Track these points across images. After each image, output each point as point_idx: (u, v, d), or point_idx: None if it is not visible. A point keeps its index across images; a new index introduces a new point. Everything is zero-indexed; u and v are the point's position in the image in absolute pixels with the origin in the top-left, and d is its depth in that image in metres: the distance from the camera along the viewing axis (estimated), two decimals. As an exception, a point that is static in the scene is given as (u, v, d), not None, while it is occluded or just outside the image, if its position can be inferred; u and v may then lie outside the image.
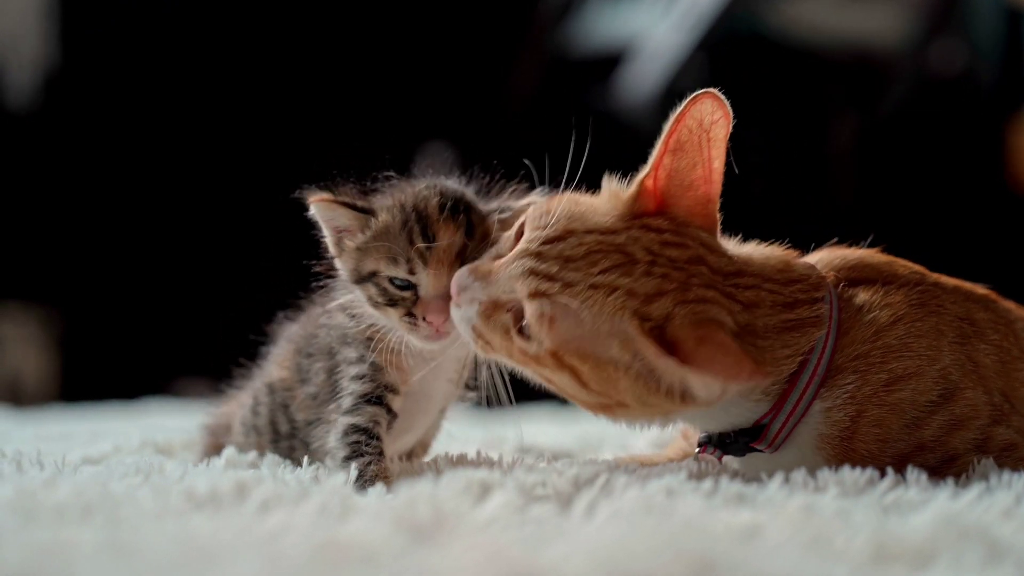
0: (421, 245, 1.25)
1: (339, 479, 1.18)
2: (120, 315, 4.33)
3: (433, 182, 1.33)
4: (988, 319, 1.38)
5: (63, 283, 4.33)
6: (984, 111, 4.22)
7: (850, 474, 1.19)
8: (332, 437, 1.28)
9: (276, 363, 1.43)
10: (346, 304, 1.34)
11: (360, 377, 1.29)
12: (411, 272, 1.25)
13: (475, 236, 1.29)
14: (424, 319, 1.26)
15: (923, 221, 4.02)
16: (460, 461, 1.38)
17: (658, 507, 1.07)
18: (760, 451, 1.29)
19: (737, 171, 1.26)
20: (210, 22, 4.39)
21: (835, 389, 1.26)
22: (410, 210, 1.27)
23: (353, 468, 1.22)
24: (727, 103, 1.22)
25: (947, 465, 1.28)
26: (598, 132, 1.40)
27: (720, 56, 3.67)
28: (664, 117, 1.30)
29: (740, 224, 1.48)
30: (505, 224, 1.31)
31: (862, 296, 1.33)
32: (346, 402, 1.29)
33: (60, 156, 4.30)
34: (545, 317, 1.18)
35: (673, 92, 1.39)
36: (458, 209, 1.29)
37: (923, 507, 1.07)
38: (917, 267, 1.41)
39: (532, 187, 1.36)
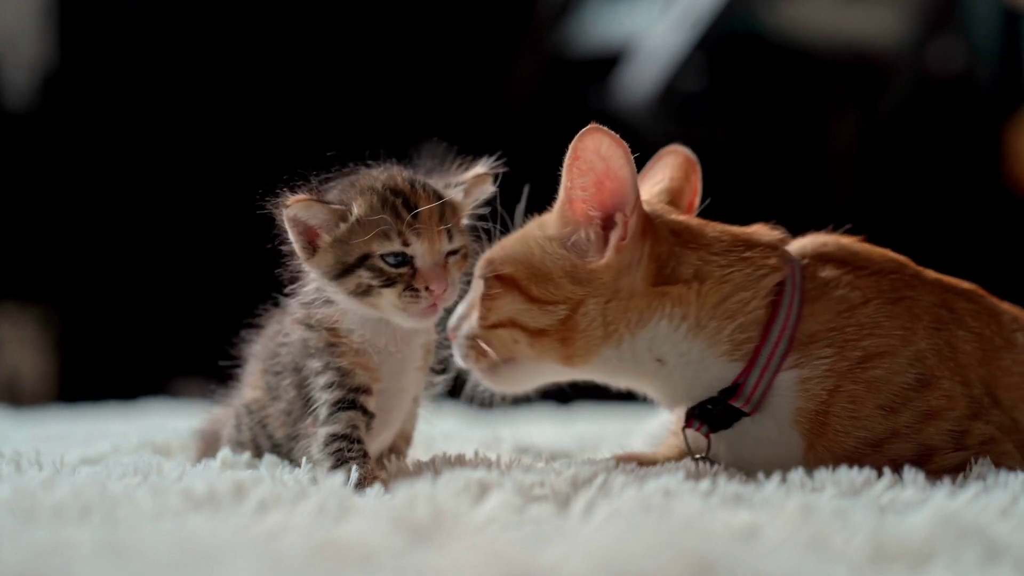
0: (411, 215, 1.26)
1: (337, 480, 1.18)
2: (118, 315, 4.33)
3: (381, 169, 1.34)
4: (969, 308, 1.39)
5: (61, 283, 4.32)
6: (982, 111, 4.22)
7: (847, 474, 1.20)
8: (314, 449, 1.27)
9: (249, 384, 1.43)
10: (302, 317, 1.33)
11: (329, 385, 1.28)
12: (405, 244, 1.25)
13: (446, 204, 1.31)
14: (427, 288, 1.26)
15: (922, 221, 4.02)
16: (458, 461, 1.38)
17: (656, 507, 1.08)
18: (743, 413, 1.32)
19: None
20: (208, 22, 4.39)
21: (812, 359, 1.30)
22: (384, 190, 1.28)
23: (342, 476, 1.21)
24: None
25: (924, 460, 1.29)
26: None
27: (718, 56, 3.68)
28: (664, 117, 1.34)
29: (741, 224, 1.48)
30: (467, 193, 1.36)
31: (829, 271, 1.37)
32: (322, 412, 1.28)
33: (58, 156, 4.29)
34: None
35: (671, 92, 1.40)
36: (421, 181, 1.32)
37: (921, 507, 1.08)
38: (899, 257, 1.42)
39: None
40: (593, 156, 1.32)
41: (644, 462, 1.36)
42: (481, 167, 1.37)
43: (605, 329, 1.34)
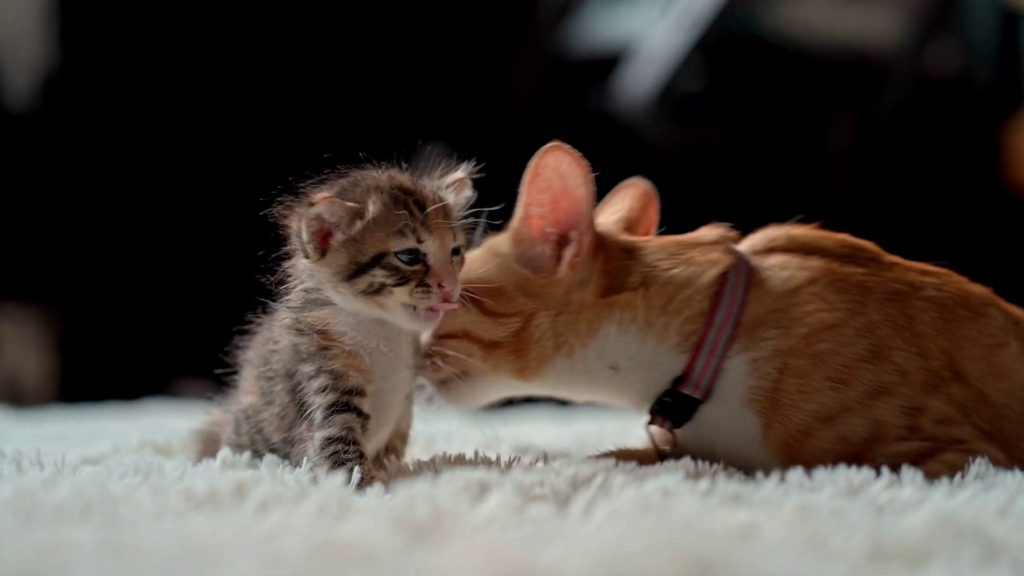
0: (422, 212, 1.28)
1: (338, 479, 1.18)
2: (119, 315, 4.33)
3: (377, 170, 1.35)
4: (932, 282, 1.40)
5: (62, 283, 4.32)
6: (981, 112, 4.22)
7: (845, 473, 1.20)
8: (312, 453, 1.28)
9: (244, 389, 1.43)
10: (291, 322, 1.34)
11: (323, 389, 1.29)
12: (419, 240, 1.27)
13: (447, 203, 1.33)
14: (440, 285, 1.27)
15: (920, 222, 4.02)
16: (458, 461, 1.38)
17: (655, 507, 1.08)
18: (697, 402, 1.35)
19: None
20: (208, 23, 4.39)
21: (759, 341, 1.33)
22: (393, 188, 1.29)
23: (345, 476, 1.22)
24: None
25: (878, 441, 1.30)
26: (596, 132, 1.41)
27: (717, 57, 3.68)
28: (663, 118, 1.36)
29: (739, 225, 1.49)
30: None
31: (775, 259, 1.40)
32: (317, 416, 1.28)
33: (59, 157, 4.30)
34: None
35: (671, 93, 1.42)
36: (423, 181, 1.34)
37: (919, 506, 1.08)
38: (858, 241, 1.44)
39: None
40: (552, 174, 1.36)
41: (627, 456, 1.38)
42: (460, 172, 1.39)
43: (556, 340, 1.37)
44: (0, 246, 4.23)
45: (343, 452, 1.25)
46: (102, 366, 4.26)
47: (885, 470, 1.21)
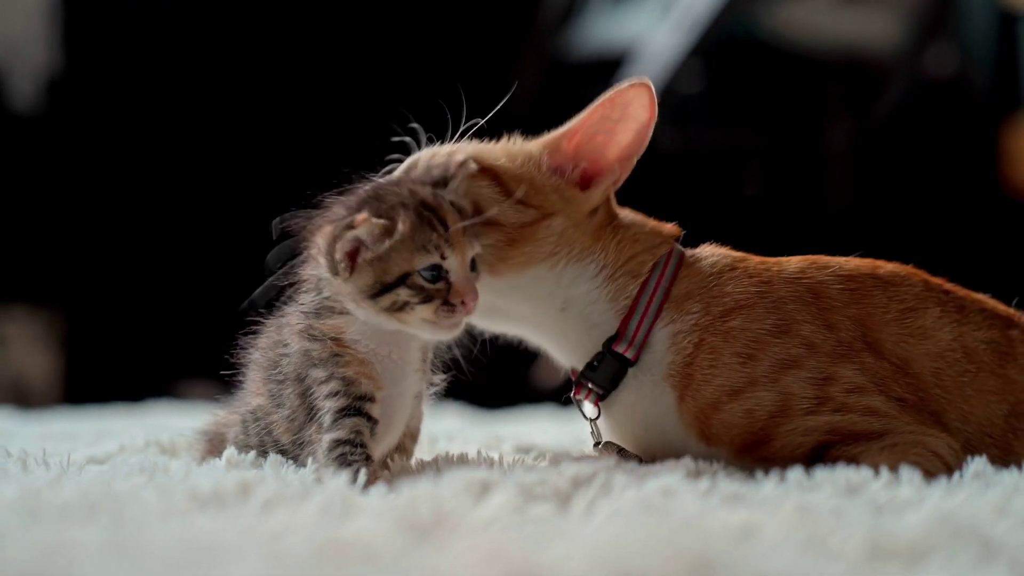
0: (445, 231, 1.29)
1: (341, 479, 1.19)
2: (124, 317, 4.34)
3: (399, 180, 1.37)
4: (840, 261, 1.45)
5: (68, 285, 4.33)
6: (978, 114, 4.22)
7: (844, 473, 1.20)
8: (319, 455, 1.28)
9: (252, 391, 1.44)
10: (303, 328, 1.34)
11: (334, 394, 1.29)
12: (443, 257, 1.28)
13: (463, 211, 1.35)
14: (462, 303, 1.29)
15: (919, 224, 4.02)
16: (460, 461, 1.39)
17: (656, 506, 1.08)
18: (625, 368, 1.41)
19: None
20: (211, 25, 4.40)
21: (684, 315, 1.40)
22: (418, 205, 1.30)
23: (350, 476, 1.22)
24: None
25: (785, 412, 1.33)
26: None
27: (717, 59, 3.68)
28: (662, 119, 1.39)
29: (739, 225, 1.50)
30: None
31: (704, 249, 1.48)
32: (326, 420, 1.29)
33: (64, 159, 4.30)
34: None
35: (670, 95, 1.44)
36: (438, 191, 1.35)
37: (917, 506, 1.09)
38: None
39: None
40: (628, 106, 1.43)
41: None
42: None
43: (553, 247, 1.43)
44: (6, 248, 4.23)
45: (350, 454, 1.26)
46: (107, 367, 4.26)
47: (884, 470, 1.21)
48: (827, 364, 1.35)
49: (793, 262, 1.44)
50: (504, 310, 1.47)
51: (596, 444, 1.49)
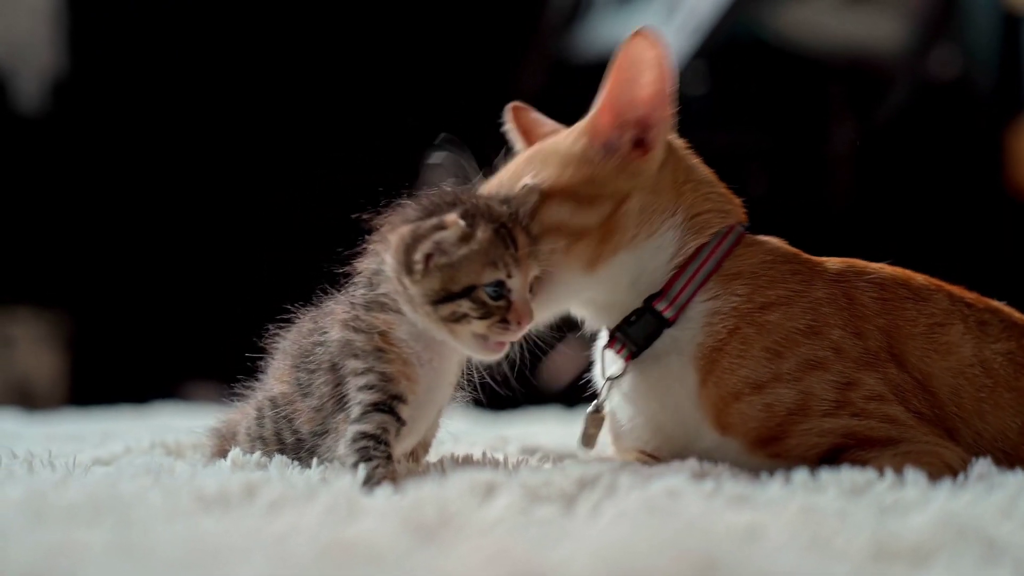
0: (516, 251, 1.30)
1: (346, 480, 1.19)
2: (130, 319, 4.34)
3: (463, 190, 1.37)
4: (876, 267, 1.46)
5: (73, 286, 4.34)
6: (982, 116, 4.21)
7: (850, 474, 1.20)
8: (341, 445, 1.28)
9: (275, 377, 1.43)
10: (349, 319, 1.34)
11: (369, 387, 1.29)
12: (508, 275, 1.29)
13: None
14: (517, 322, 1.29)
15: (922, 226, 4.02)
16: (466, 462, 1.39)
17: (661, 508, 1.09)
18: (662, 328, 1.41)
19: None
20: (217, 27, 4.41)
21: (727, 294, 1.40)
22: (494, 219, 1.30)
23: (361, 469, 1.22)
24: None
25: (804, 414, 1.33)
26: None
27: (721, 61, 3.68)
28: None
29: (743, 226, 1.50)
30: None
31: (767, 237, 1.49)
32: (355, 411, 1.29)
33: (69, 160, 4.31)
34: None
35: (675, 96, 1.44)
36: (511, 208, 1.35)
37: (922, 507, 1.08)
38: None
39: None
40: (638, 57, 1.42)
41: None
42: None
43: (636, 226, 1.43)
44: (12, 250, 4.24)
45: (372, 448, 1.26)
46: (113, 369, 4.27)
47: (888, 471, 1.21)
48: (852, 370, 1.35)
49: (833, 264, 1.45)
50: (596, 299, 1.48)
51: (595, 409, 1.49)
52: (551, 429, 2.33)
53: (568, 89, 1.63)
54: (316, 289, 1.42)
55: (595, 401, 1.49)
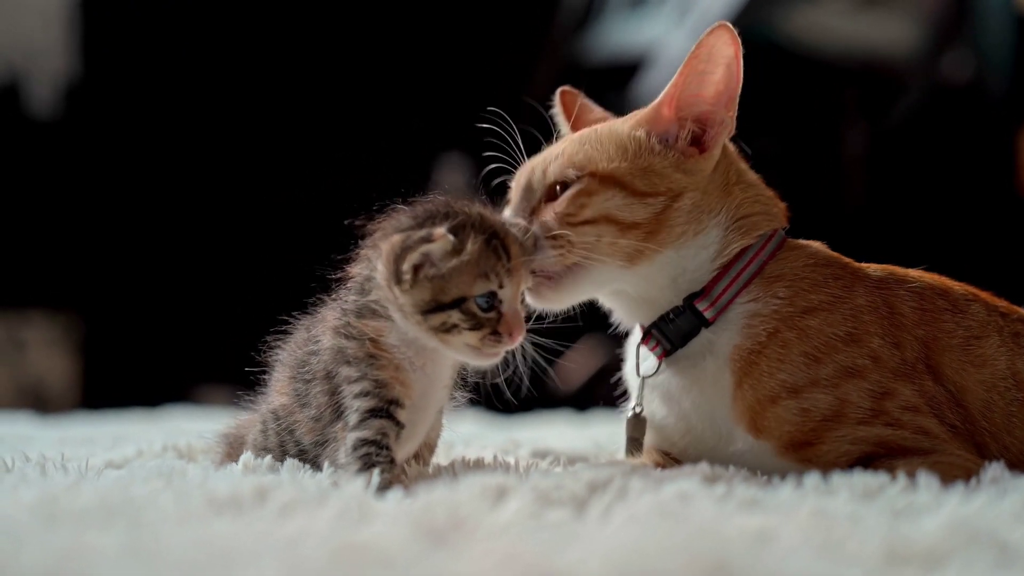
0: (508, 262, 1.29)
1: (358, 484, 1.19)
2: (142, 322, 4.35)
3: (461, 201, 1.35)
4: (916, 275, 1.45)
5: (86, 290, 4.35)
6: (994, 119, 4.20)
7: (862, 478, 1.20)
8: (342, 453, 1.28)
9: (276, 390, 1.44)
10: (340, 325, 1.34)
11: (365, 394, 1.30)
12: (500, 286, 1.28)
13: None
14: (508, 335, 1.29)
15: (934, 228, 4.01)
16: (477, 465, 1.39)
17: (672, 511, 1.08)
18: (700, 326, 1.40)
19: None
20: (228, 33, 4.42)
21: (768, 296, 1.39)
22: (487, 230, 1.30)
23: (375, 476, 1.22)
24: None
25: (839, 421, 1.33)
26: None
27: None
28: None
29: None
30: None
31: (808, 241, 1.48)
32: (352, 419, 1.29)
33: (82, 165, 4.33)
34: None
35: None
36: (504, 219, 1.35)
37: (934, 511, 1.08)
38: None
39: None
40: (716, 51, 1.42)
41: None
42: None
43: (685, 227, 1.42)
44: (25, 253, 4.26)
45: (375, 455, 1.26)
46: (125, 372, 4.28)
47: (901, 475, 1.21)
48: (889, 380, 1.34)
49: (874, 270, 1.44)
50: (625, 291, 1.47)
51: (636, 412, 1.48)
52: (562, 432, 2.33)
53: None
54: (313, 296, 1.42)
55: (632, 404, 1.49)
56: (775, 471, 1.33)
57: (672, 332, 1.42)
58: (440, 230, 1.27)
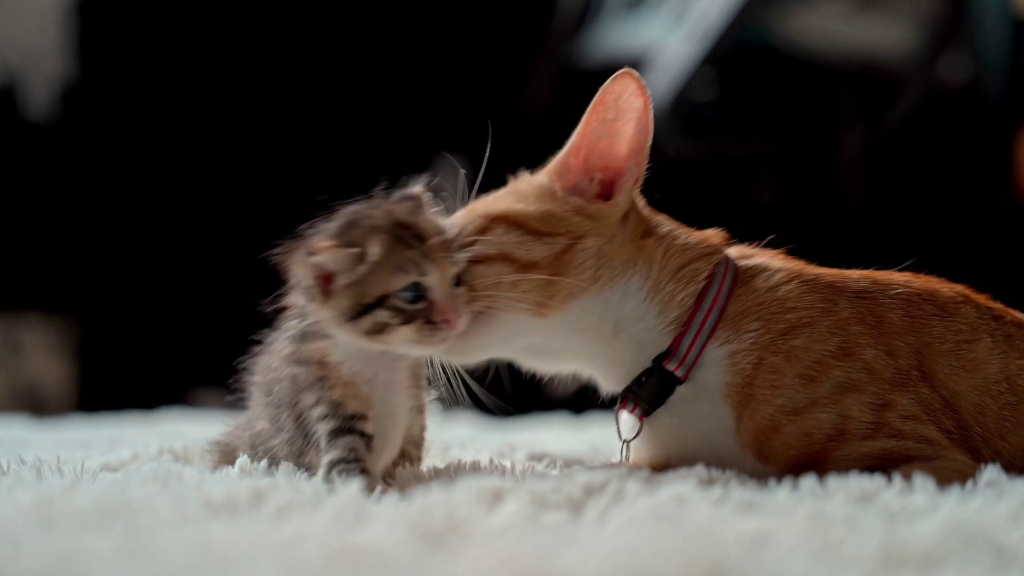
0: (422, 245, 1.28)
1: (354, 487, 1.19)
2: (138, 325, 4.35)
3: (370, 204, 1.35)
4: (900, 280, 1.43)
5: (82, 292, 4.35)
6: (991, 122, 4.21)
7: (858, 481, 1.20)
8: (320, 477, 1.29)
9: (256, 415, 1.44)
10: (289, 353, 1.35)
11: (324, 417, 1.30)
12: (422, 273, 1.27)
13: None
14: (445, 321, 1.28)
15: (931, 231, 4.02)
16: (473, 468, 1.39)
17: (669, 514, 1.08)
18: (675, 384, 1.38)
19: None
20: (226, 36, 4.42)
21: (741, 333, 1.36)
22: (392, 225, 1.29)
23: (358, 482, 1.22)
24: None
25: (842, 436, 1.31)
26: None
27: (730, 67, 3.67)
28: (676, 127, 1.38)
29: (751, 233, 1.50)
30: None
31: (759, 258, 1.45)
32: (322, 443, 1.30)
33: (78, 167, 4.32)
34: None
35: (683, 102, 1.43)
36: (420, 213, 1.34)
37: (930, 514, 1.08)
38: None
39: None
40: (619, 101, 1.40)
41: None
42: (417, 187, 1.40)
43: (595, 270, 1.39)
44: (21, 256, 4.25)
45: (347, 470, 1.27)
46: (121, 375, 4.28)
47: (897, 477, 1.21)
48: (886, 391, 1.33)
49: (854, 278, 1.42)
50: (556, 349, 1.44)
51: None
52: (559, 435, 2.33)
53: (576, 96, 1.62)
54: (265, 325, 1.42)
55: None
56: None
57: (646, 394, 1.40)
58: (323, 243, 1.27)
